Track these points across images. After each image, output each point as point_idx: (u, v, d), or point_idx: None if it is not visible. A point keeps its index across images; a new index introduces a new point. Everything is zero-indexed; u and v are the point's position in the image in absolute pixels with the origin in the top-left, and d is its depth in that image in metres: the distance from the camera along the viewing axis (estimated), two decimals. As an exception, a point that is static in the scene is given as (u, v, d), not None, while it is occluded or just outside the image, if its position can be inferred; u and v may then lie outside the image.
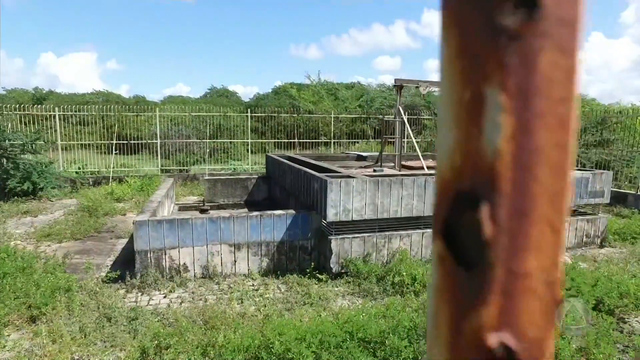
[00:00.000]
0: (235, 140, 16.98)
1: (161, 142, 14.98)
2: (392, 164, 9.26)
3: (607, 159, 12.38)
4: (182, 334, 3.78)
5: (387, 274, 5.38)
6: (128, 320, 4.25)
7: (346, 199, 5.66)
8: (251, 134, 16.86)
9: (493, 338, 0.26)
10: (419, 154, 9.22)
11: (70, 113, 14.03)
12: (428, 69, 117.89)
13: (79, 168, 13.82)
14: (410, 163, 9.23)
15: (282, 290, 5.25)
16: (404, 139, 11.53)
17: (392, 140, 9.88)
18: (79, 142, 14.32)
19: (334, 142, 17.93)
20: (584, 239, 7.23)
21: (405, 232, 6.01)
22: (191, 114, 16.54)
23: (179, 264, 5.51)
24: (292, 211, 6.03)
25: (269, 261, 5.85)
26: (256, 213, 5.89)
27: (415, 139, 13.27)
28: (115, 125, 14.56)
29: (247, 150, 16.56)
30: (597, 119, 13.77)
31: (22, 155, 10.92)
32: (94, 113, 14.69)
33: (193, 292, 5.13)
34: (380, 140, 11.81)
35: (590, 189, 7.22)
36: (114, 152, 13.75)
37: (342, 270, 5.66)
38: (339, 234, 5.72)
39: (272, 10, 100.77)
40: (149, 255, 5.39)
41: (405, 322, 3.49)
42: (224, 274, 5.67)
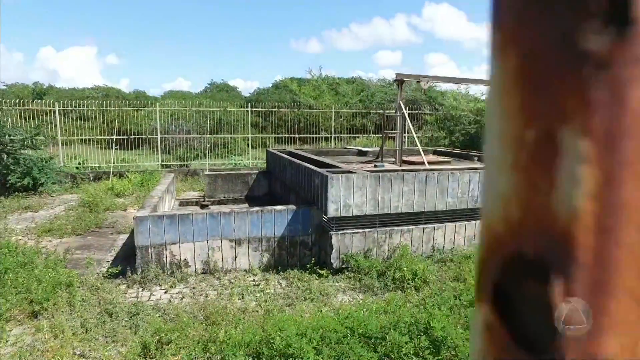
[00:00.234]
0: (236, 135, 16.95)
1: (161, 137, 14.96)
2: (393, 159, 9.24)
3: None
4: (183, 329, 3.79)
5: (388, 269, 5.39)
6: (129, 316, 4.27)
7: (347, 195, 5.65)
8: (251, 129, 16.83)
9: None
10: (420, 149, 9.20)
11: (70, 108, 14.00)
12: (429, 64, 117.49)
13: (80, 163, 13.81)
14: (411, 158, 9.21)
15: (283, 285, 5.26)
16: (405, 134, 11.50)
17: (393, 135, 9.85)
18: (79, 137, 14.30)
19: (335, 137, 17.88)
20: None
21: (406, 227, 6.01)
22: (191, 108, 16.49)
23: (180, 260, 5.52)
24: (293, 206, 6.03)
25: (270, 256, 5.86)
26: (257, 208, 5.89)
27: (416, 134, 13.24)
28: (115, 120, 14.53)
29: (248, 145, 16.54)
30: None
31: (22, 151, 10.91)
32: (94, 108, 14.66)
33: (194, 288, 5.14)
34: (380, 135, 11.78)
35: None
36: (115, 147, 13.73)
37: (343, 266, 5.66)
38: (339, 230, 5.71)
39: (272, 4, 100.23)
40: (149, 251, 5.39)
41: (406, 317, 3.49)
42: (224, 269, 5.68)
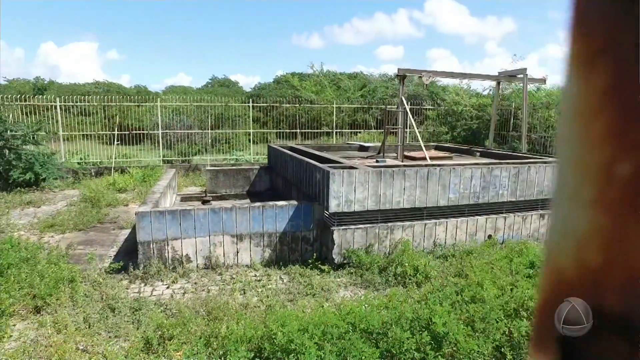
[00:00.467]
0: (237, 131, 16.93)
1: (163, 133, 14.94)
2: (395, 155, 9.22)
3: None
4: (185, 324, 3.81)
5: (390, 264, 5.39)
6: (131, 311, 4.28)
7: (348, 190, 5.64)
8: (253, 124, 16.79)
9: None
10: (422, 144, 9.18)
11: (71, 104, 13.98)
12: (431, 58, 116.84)
13: (81, 159, 13.82)
14: (412, 154, 9.19)
15: (285, 281, 5.27)
16: (407, 129, 11.47)
17: (395, 130, 9.82)
18: (81, 132, 14.29)
19: (336, 133, 17.84)
20: None
21: (408, 222, 6.01)
22: (193, 104, 16.46)
23: (182, 255, 5.53)
24: (295, 202, 6.02)
25: (271, 252, 5.87)
26: (258, 204, 5.89)
27: (418, 129, 13.19)
28: (116, 116, 14.52)
29: (249, 140, 16.52)
30: None
31: (24, 146, 10.93)
32: (95, 103, 14.64)
33: (196, 283, 5.16)
34: (382, 130, 11.74)
35: None
36: (116, 142, 13.73)
37: (345, 261, 5.67)
38: (341, 225, 5.71)
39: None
40: (151, 246, 5.40)
41: (408, 313, 3.49)
42: (226, 264, 5.69)
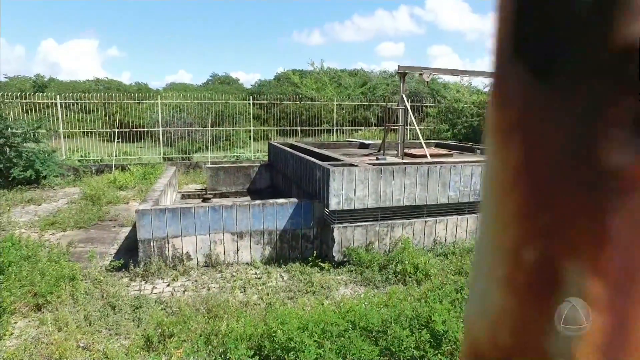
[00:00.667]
0: (238, 128, 16.92)
1: (163, 130, 14.94)
2: (395, 152, 9.21)
3: None
4: (185, 322, 3.82)
5: (390, 262, 5.40)
6: (132, 309, 4.30)
7: (349, 188, 5.64)
8: (253, 122, 16.79)
9: None
10: (422, 141, 9.16)
11: (71, 101, 13.98)
12: (432, 55, 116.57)
13: (82, 156, 13.83)
14: (413, 151, 9.18)
15: (285, 278, 5.28)
16: (407, 126, 11.45)
17: (395, 128, 9.80)
18: (81, 130, 14.30)
19: (337, 130, 17.83)
20: None
21: (408, 220, 6.01)
22: (193, 101, 16.44)
23: (182, 253, 5.54)
24: (295, 200, 6.03)
25: (272, 250, 5.87)
26: (258, 202, 5.89)
27: (419, 126, 13.16)
28: (117, 113, 14.52)
29: (250, 137, 16.51)
30: None
31: (24, 144, 10.93)
32: (95, 101, 14.64)
33: (196, 281, 5.17)
34: (383, 127, 11.73)
35: None
36: (117, 140, 13.74)
37: (345, 259, 5.67)
38: (341, 223, 5.72)
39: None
40: (152, 244, 5.41)
41: (408, 311, 3.50)
42: (226, 262, 5.70)
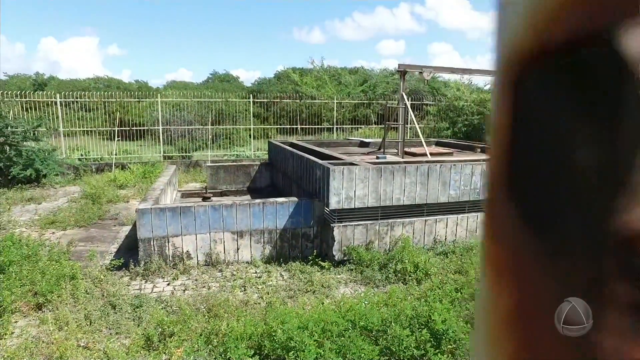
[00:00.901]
0: (238, 126, 16.92)
1: (163, 129, 14.94)
2: (395, 151, 9.20)
3: None
4: (185, 321, 3.82)
5: (390, 261, 5.40)
6: (132, 308, 4.30)
7: (349, 187, 5.64)
8: (253, 120, 16.78)
9: None
10: (422, 140, 9.16)
11: (71, 100, 13.96)
12: (432, 53, 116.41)
13: (82, 155, 13.83)
14: (413, 149, 9.17)
15: (285, 277, 5.28)
16: (407, 125, 11.44)
17: (395, 126, 9.79)
18: (81, 128, 14.29)
19: (337, 128, 17.82)
20: None
21: (408, 219, 6.01)
22: (193, 99, 16.43)
23: (182, 252, 5.54)
24: (295, 199, 6.03)
25: (272, 249, 5.88)
26: (259, 200, 5.89)
27: (419, 124, 13.14)
28: (117, 111, 14.51)
29: (250, 136, 16.50)
30: None
31: (24, 143, 10.93)
32: (95, 99, 14.62)
33: (196, 280, 5.17)
34: (383, 125, 11.72)
35: None
36: (117, 138, 13.73)
37: (345, 258, 5.68)
38: (341, 222, 5.72)
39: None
40: (152, 243, 5.42)
41: (408, 310, 3.50)
42: (226, 261, 5.71)
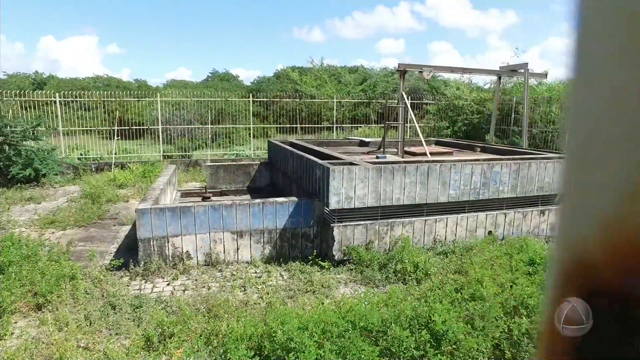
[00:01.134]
0: (238, 125, 16.91)
1: (163, 128, 14.93)
2: (395, 150, 9.20)
3: None
4: (185, 322, 3.82)
5: (390, 261, 5.40)
6: (132, 308, 4.30)
7: (348, 187, 5.63)
8: (253, 119, 16.77)
9: None
10: (422, 139, 9.16)
11: (70, 99, 13.94)
12: (432, 52, 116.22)
13: (81, 154, 13.82)
14: (413, 149, 9.17)
15: (285, 277, 5.28)
16: (407, 124, 11.43)
17: (395, 125, 9.78)
18: (81, 127, 14.28)
19: (337, 127, 17.81)
20: None
21: (408, 219, 6.01)
22: (193, 99, 16.41)
23: (182, 252, 5.54)
24: (295, 198, 6.02)
25: (272, 249, 5.88)
26: (258, 200, 5.89)
27: (418, 123, 13.13)
28: (116, 111, 14.49)
29: (250, 135, 16.49)
30: None
31: (23, 142, 10.92)
32: (95, 99, 14.60)
33: (196, 280, 5.17)
34: (382, 125, 11.71)
35: None
36: (116, 137, 13.72)
37: (345, 258, 5.68)
38: (341, 222, 5.71)
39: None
40: (151, 243, 5.41)
41: (407, 311, 3.50)
42: (226, 261, 5.70)
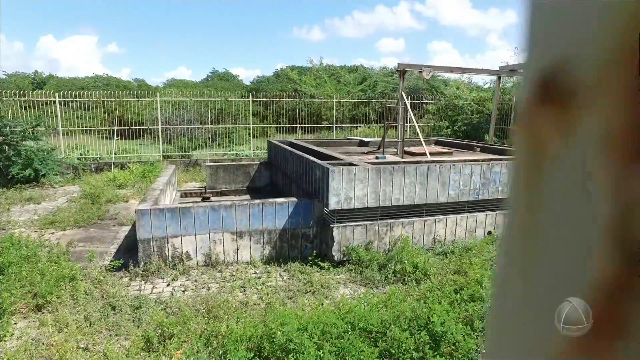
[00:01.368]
0: (237, 125, 16.90)
1: (163, 128, 14.92)
2: (395, 150, 9.20)
3: None
4: (185, 323, 3.83)
5: (389, 262, 5.40)
6: (132, 309, 4.30)
7: (348, 187, 5.64)
8: (253, 118, 16.76)
9: None
10: (422, 139, 9.16)
11: (70, 99, 13.93)
12: (432, 51, 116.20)
13: (81, 154, 13.81)
14: (412, 149, 9.17)
15: (284, 278, 5.29)
16: (407, 124, 11.43)
17: (395, 125, 9.79)
18: (80, 127, 14.27)
19: (336, 127, 17.81)
20: None
21: (407, 219, 6.01)
22: (192, 98, 16.41)
23: (182, 252, 5.54)
24: (294, 199, 6.02)
25: (271, 249, 5.88)
26: (258, 201, 5.89)
27: (418, 123, 13.14)
28: (116, 110, 14.49)
29: (249, 134, 16.49)
30: None
31: (23, 142, 10.91)
32: (94, 98, 14.60)
33: (196, 281, 5.17)
34: (382, 124, 11.71)
35: None
36: (116, 137, 13.71)
37: (344, 258, 5.68)
38: (341, 222, 5.72)
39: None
40: (151, 244, 5.42)
41: (407, 312, 3.51)
42: (226, 262, 5.71)
